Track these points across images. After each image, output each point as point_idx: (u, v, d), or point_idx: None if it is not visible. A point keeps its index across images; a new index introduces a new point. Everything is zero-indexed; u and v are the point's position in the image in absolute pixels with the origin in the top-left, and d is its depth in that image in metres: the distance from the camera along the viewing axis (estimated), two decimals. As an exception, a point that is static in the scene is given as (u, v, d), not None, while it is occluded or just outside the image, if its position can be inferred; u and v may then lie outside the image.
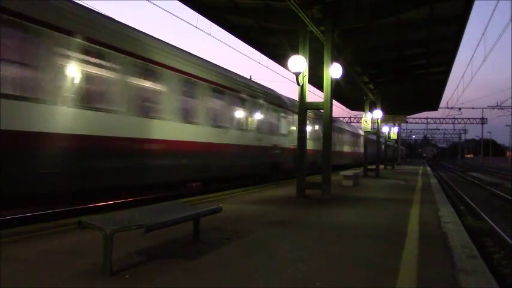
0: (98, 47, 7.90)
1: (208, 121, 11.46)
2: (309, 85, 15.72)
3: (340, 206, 9.16)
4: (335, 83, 11.07)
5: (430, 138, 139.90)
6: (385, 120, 28.02)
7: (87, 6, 8.55)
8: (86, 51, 7.64)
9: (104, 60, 8.09)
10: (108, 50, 8.13)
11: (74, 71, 7.47)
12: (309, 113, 17.49)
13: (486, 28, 19.84)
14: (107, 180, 8.21)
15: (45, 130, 6.86)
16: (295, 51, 10.60)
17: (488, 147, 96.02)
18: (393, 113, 29.89)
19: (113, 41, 8.29)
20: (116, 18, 9.19)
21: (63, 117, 7.17)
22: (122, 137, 8.46)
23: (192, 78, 10.76)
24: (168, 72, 9.83)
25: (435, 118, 70.50)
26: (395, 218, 7.63)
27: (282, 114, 16.88)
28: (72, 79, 7.43)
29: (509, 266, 7.28)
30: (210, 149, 11.48)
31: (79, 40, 7.47)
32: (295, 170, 12.86)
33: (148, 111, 9.20)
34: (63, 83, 7.20)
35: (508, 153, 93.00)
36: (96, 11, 8.70)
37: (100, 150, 7.99)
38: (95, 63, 7.91)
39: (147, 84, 9.28)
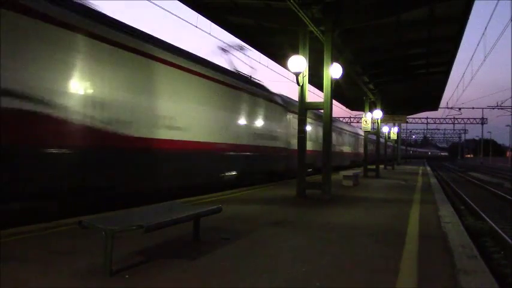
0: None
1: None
2: (309, 85, 16.16)
3: (340, 206, 9.16)
4: (335, 83, 11.06)
5: (430, 138, 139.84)
6: (385, 120, 28.01)
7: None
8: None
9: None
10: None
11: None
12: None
13: (486, 28, 19.84)
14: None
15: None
16: (295, 51, 10.59)
17: (488, 147, 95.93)
18: (393, 113, 29.90)
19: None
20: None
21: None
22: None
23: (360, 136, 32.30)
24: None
25: (435, 118, 70.18)
26: (396, 218, 7.63)
27: (357, 138, 34.82)
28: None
29: (509, 266, 7.28)
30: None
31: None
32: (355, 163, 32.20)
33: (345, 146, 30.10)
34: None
35: (508, 153, 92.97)
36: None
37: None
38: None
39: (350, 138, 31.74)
